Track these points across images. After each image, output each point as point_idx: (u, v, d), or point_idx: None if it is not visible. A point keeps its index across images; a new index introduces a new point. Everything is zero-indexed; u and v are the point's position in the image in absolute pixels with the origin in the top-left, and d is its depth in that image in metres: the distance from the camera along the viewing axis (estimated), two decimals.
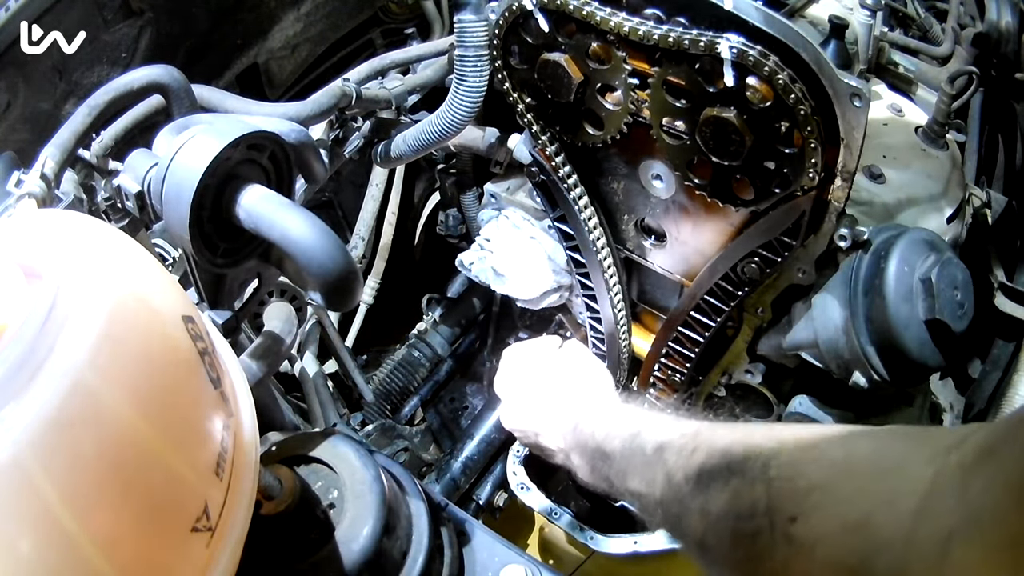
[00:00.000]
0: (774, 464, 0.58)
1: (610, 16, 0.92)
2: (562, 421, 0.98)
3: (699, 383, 1.27)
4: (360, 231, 1.79)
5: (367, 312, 1.91)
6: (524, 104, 1.10)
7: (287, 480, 0.69)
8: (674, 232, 1.14)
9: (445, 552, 0.81)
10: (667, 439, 0.74)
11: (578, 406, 0.98)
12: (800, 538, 0.52)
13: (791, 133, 0.87)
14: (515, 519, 1.67)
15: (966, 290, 0.93)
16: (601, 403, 0.97)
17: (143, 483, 0.43)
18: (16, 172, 0.79)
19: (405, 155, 1.30)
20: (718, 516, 0.61)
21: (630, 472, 0.78)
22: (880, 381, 0.96)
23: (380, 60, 1.29)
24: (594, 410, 0.94)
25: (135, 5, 1.16)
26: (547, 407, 1.05)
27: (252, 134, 0.68)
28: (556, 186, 1.17)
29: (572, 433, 0.94)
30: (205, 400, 0.50)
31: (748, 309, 1.11)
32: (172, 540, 0.45)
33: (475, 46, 1.09)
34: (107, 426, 0.42)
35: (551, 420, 1.01)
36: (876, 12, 1.10)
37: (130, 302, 0.47)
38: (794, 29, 0.83)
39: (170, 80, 0.90)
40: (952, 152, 1.12)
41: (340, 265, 0.65)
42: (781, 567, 0.53)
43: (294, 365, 1.50)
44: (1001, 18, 1.22)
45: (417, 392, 1.73)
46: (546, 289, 1.33)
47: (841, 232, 0.94)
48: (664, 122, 0.98)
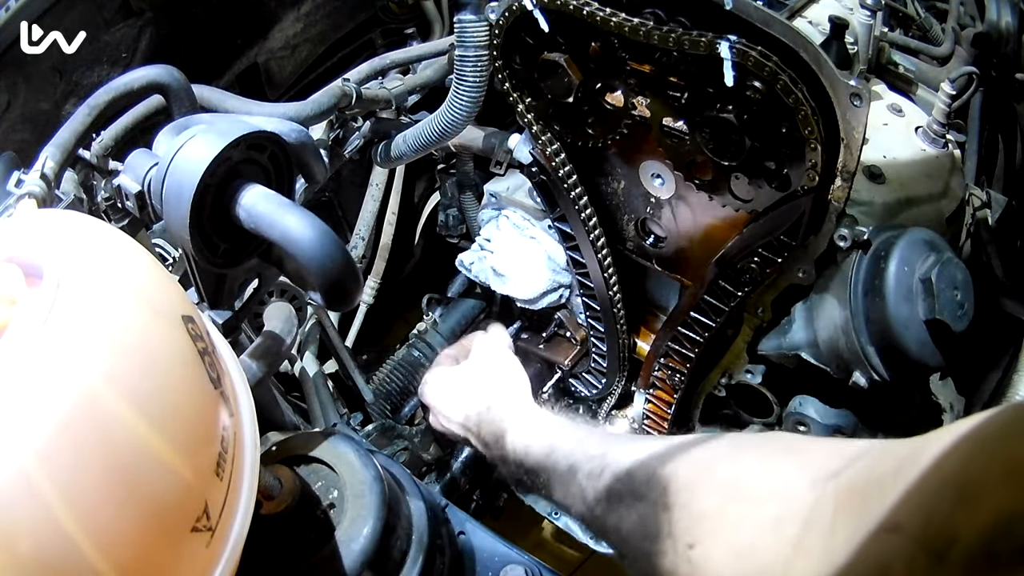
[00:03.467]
0: (672, 489, 0.63)
1: (610, 16, 0.92)
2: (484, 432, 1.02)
3: (699, 383, 1.27)
4: (360, 231, 1.79)
5: (367, 312, 1.91)
6: (524, 104, 1.10)
7: (287, 480, 0.69)
8: (674, 232, 1.14)
9: (445, 552, 0.81)
10: (576, 461, 0.79)
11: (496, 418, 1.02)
12: (698, 562, 0.57)
13: (791, 133, 0.87)
14: (515, 519, 1.67)
15: (966, 290, 0.92)
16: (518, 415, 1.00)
17: (143, 483, 0.43)
18: (16, 172, 0.79)
19: (405, 155, 1.30)
20: (628, 534, 0.66)
21: (551, 485, 0.83)
22: (880, 381, 0.96)
23: (380, 60, 1.29)
24: (511, 423, 0.98)
25: (135, 5, 1.16)
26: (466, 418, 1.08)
27: (252, 134, 0.68)
28: (556, 186, 1.17)
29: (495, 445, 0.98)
30: (205, 400, 0.50)
31: (748, 309, 1.11)
32: (172, 540, 0.45)
33: (475, 46, 1.09)
34: (107, 426, 0.42)
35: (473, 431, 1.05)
36: (876, 12, 1.10)
37: (130, 302, 0.47)
38: (794, 29, 0.83)
39: (170, 80, 0.90)
40: (952, 152, 1.12)
41: (340, 265, 0.65)
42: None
43: (294, 365, 1.50)
44: (1001, 18, 1.22)
45: (417, 392, 1.73)
46: (546, 289, 1.33)
47: (841, 232, 0.94)
48: (664, 122, 0.98)
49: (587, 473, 0.76)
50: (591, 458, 0.77)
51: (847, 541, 0.45)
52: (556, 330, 1.44)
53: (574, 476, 0.78)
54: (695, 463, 0.64)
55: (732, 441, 0.67)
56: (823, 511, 0.49)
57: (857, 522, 0.46)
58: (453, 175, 1.66)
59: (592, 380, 1.45)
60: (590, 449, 0.79)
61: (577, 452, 0.80)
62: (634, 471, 0.69)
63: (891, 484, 0.44)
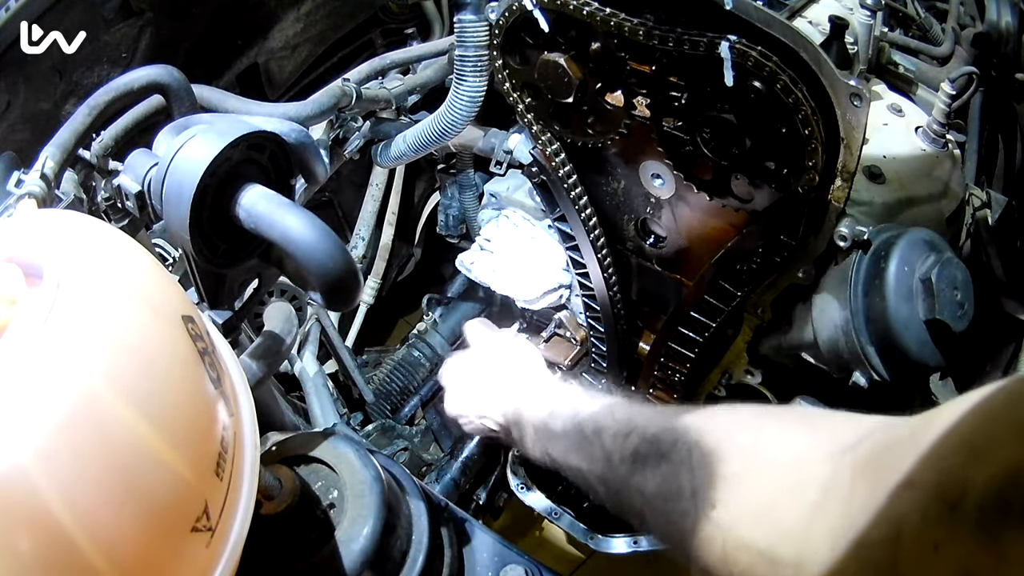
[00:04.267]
0: (697, 453, 0.65)
1: (610, 16, 0.92)
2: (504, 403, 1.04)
3: (699, 383, 1.27)
4: (360, 231, 1.79)
5: (367, 312, 1.91)
6: (524, 104, 1.10)
7: (287, 480, 0.69)
8: (674, 232, 1.14)
9: (445, 552, 0.81)
10: (603, 424, 0.81)
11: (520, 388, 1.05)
12: (719, 521, 0.60)
13: (791, 133, 0.87)
14: (515, 519, 1.67)
15: (966, 290, 0.92)
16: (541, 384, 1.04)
17: (143, 483, 0.43)
18: (16, 172, 0.79)
19: (405, 155, 1.31)
20: (651, 495, 0.69)
21: (572, 450, 0.85)
22: (880, 381, 0.96)
23: (380, 60, 1.29)
24: (536, 391, 1.01)
25: (135, 5, 1.16)
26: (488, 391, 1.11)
27: (252, 134, 0.68)
28: (556, 186, 1.17)
29: (514, 413, 1.00)
30: (205, 400, 0.50)
31: (748, 309, 1.11)
32: (172, 540, 0.45)
33: (475, 46, 1.09)
34: (107, 426, 0.42)
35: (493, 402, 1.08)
36: (876, 12, 1.10)
37: (130, 302, 0.47)
38: (794, 29, 0.83)
39: (170, 80, 0.90)
40: (952, 152, 1.12)
41: (340, 265, 0.65)
42: (706, 543, 0.61)
43: (294, 365, 1.50)
44: (1001, 18, 1.22)
45: (417, 392, 1.73)
46: (546, 289, 1.33)
47: (841, 232, 0.94)
48: (664, 122, 0.98)
49: (613, 434, 0.78)
50: (618, 421, 0.79)
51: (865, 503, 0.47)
52: (556, 330, 1.44)
53: (599, 437, 0.80)
54: (718, 430, 0.67)
55: (753, 411, 0.70)
56: (841, 479, 0.51)
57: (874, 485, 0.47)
58: (453, 175, 1.66)
59: (592, 380, 1.45)
60: (616, 413, 0.81)
61: (603, 414, 0.82)
62: (660, 435, 0.71)
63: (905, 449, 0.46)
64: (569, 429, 0.86)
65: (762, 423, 0.66)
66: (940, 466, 0.43)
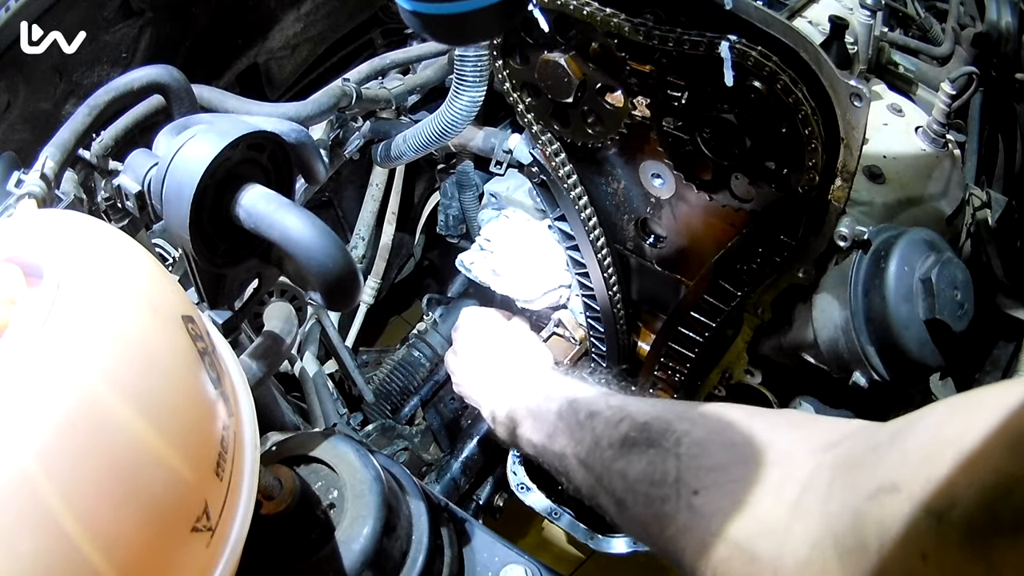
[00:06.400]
0: (685, 442, 0.67)
1: (610, 16, 0.92)
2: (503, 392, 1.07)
3: (699, 383, 1.27)
4: (360, 231, 1.79)
5: (367, 312, 1.91)
6: (524, 104, 1.10)
7: (287, 480, 0.69)
8: (674, 232, 1.14)
9: (445, 552, 0.81)
10: (597, 409, 0.83)
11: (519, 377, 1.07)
12: (700, 509, 0.60)
13: (791, 133, 0.87)
14: (515, 519, 1.67)
15: (966, 290, 0.93)
16: (540, 374, 1.07)
17: (143, 483, 0.43)
18: (16, 172, 0.79)
19: (405, 155, 1.31)
20: (635, 479, 0.70)
21: (561, 432, 0.87)
22: (880, 381, 0.96)
23: (380, 60, 1.29)
24: (534, 379, 1.03)
25: (135, 5, 1.16)
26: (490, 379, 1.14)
27: (252, 134, 0.68)
28: (556, 186, 1.17)
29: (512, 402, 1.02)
30: (205, 400, 0.50)
31: (748, 309, 1.11)
32: (172, 540, 0.45)
33: (475, 46, 1.09)
34: (107, 426, 0.42)
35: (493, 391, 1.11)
36: (876, 12, 1.10)
37: (130, 302, 0.47)
38: (794, 29, 0.83)
39: (170, 80, 0.90)
40: (952, 152, 1.12)
41: (340, 265, 0.65)
42: (683, 530, 0.61)
43: (294, 365, 1.50)
44: (1001, 18, 1.22)
45: (417, 392, 1.73)
46: (546, 289, 1.33)
47: (841, 232, 0.94)
48: (664, 122, 0.98)
49: (605, 420, 0.80)
50: (611, 407, 0.81)
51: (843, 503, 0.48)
52: (555, 330, 1.44)
53: (592, 420, 0.81)
54: (709, 423, 0.68)
55: (746, 410, 0.71)
56: (821, 477, 0.52)
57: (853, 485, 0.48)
58: (453, 175, 1.66)
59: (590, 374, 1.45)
60: (611, 400, 0.83)
61: (598, 401, 0.84)
62: (651, 423, 0.73)
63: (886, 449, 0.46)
64: (564, 411, 0.88)
65: (752, 421, 0.66)
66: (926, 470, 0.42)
